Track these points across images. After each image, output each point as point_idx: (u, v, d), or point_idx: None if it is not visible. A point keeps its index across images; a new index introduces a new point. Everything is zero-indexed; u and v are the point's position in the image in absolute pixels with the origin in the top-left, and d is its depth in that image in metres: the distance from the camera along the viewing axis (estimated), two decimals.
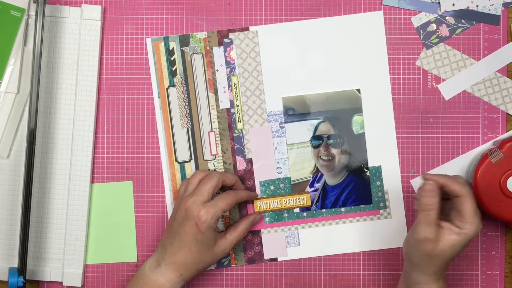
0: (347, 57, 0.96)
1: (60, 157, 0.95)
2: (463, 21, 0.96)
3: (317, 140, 0.97)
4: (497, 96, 0.96)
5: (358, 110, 0.96)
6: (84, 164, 0.95)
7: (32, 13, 0.93)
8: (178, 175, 0.96)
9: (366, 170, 0.97)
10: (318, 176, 0.97)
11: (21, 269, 0.91)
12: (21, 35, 0.93)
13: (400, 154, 0.97)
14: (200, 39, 0.96)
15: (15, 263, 0.94)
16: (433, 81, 0.97)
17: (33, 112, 0.91)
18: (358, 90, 0.96)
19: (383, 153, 0.97)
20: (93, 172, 0.96)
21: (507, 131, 0.97)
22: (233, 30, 0.96)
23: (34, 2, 0.93)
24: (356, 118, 0.97)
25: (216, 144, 0.96)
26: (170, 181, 0.96)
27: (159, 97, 0.96)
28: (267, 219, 0.97)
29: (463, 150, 0.97)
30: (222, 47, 0.96)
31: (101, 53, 0.95)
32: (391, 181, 0.96)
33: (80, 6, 0.94)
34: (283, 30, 0.96)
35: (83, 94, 0.95)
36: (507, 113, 0.97)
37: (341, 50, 0.96)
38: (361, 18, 0.96)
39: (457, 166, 0.96)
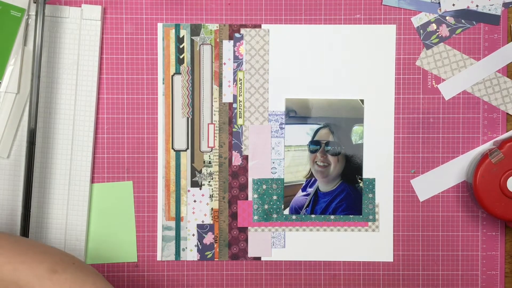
0: (355, 67, 0.96)
1: (60, 157, 0.95)
2: (463, 21, 0.96)
3: (315, 145, 0.97)
4: (497, 96, 0.96)
5: (359, 120, 0.96)
6: (84, 164, 0.95)
7: (32, 13, 0.93)
8: (173, 163, 0.96)
9: (360, 180, 0.97)
10: (312, 181, 0.97)
11: None
12: (21, 35, 0.93)
13: (400, 154, 0.97)
14: (211, 30, 0.96)
15: None
16: (433, 81, 0.97)
17: (33, 112, 0.91)
18: (362, 101, 0.96)
19: (379, 166, 0.96)
20: (93, 172, 0.96)
21: (507, 131, 0.97)
22: (245, 26, 0.96)
23: (34, 2, 0.93)
24: (356, 128, 0.96)
25: (214, 136, 0.96)
26: (164, 168, 0.96)
27: (163, 83, 0.96)
28: (255, 217, 0.96)
29: (463, 150, 0.97)
30: (232, 41, 0.96)
31: (101, 53, 0.95)
32: (384, 195, 0.96)
33: (80, 6, 0.94)
34: (295, 31, 0.96)
35: (83, 94, 0.95)
36: (507, 113, 0.97)
37: (351, 60, 0.96)
38: (376, 30, 0.95)
39: (457, 166, 0.96)
